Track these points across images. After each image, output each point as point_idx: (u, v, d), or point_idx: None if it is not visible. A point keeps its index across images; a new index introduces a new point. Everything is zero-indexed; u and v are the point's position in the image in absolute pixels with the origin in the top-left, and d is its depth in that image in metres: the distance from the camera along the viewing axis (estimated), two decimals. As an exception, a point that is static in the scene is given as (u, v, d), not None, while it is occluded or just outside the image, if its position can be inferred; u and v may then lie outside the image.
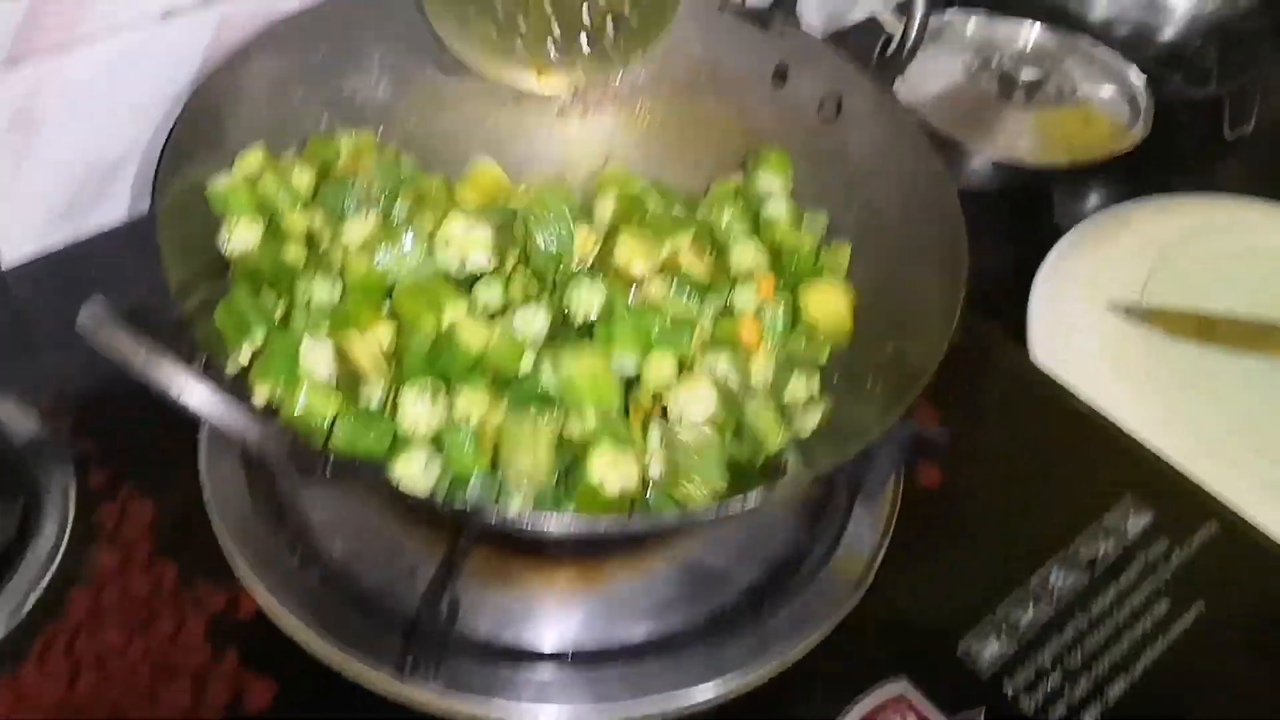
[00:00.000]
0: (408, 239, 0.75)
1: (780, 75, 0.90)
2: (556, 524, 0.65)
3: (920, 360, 0.71)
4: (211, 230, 0.76)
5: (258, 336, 0.72)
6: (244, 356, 0.71)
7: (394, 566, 0.77)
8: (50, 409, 0.84)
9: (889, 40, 1.28)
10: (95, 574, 0.76)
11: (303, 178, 0.81)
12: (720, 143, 0.91)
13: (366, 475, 0.64)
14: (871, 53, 1.25)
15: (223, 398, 0.57)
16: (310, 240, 0.79)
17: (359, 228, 0.76)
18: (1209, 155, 1.34)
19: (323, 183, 0.81)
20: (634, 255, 0.78)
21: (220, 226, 0.77)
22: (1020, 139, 1.25)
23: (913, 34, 0.85)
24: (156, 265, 0.68)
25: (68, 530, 0.78)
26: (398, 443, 0.69)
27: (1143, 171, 1.24)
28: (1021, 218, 1.22)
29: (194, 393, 0.56)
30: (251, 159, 0.80)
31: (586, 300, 0.76)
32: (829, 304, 0.82)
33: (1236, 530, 0.87)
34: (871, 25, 1.35)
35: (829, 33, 1.40)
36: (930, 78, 1.31)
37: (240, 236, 0.76)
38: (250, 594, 0.76)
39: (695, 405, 0.73)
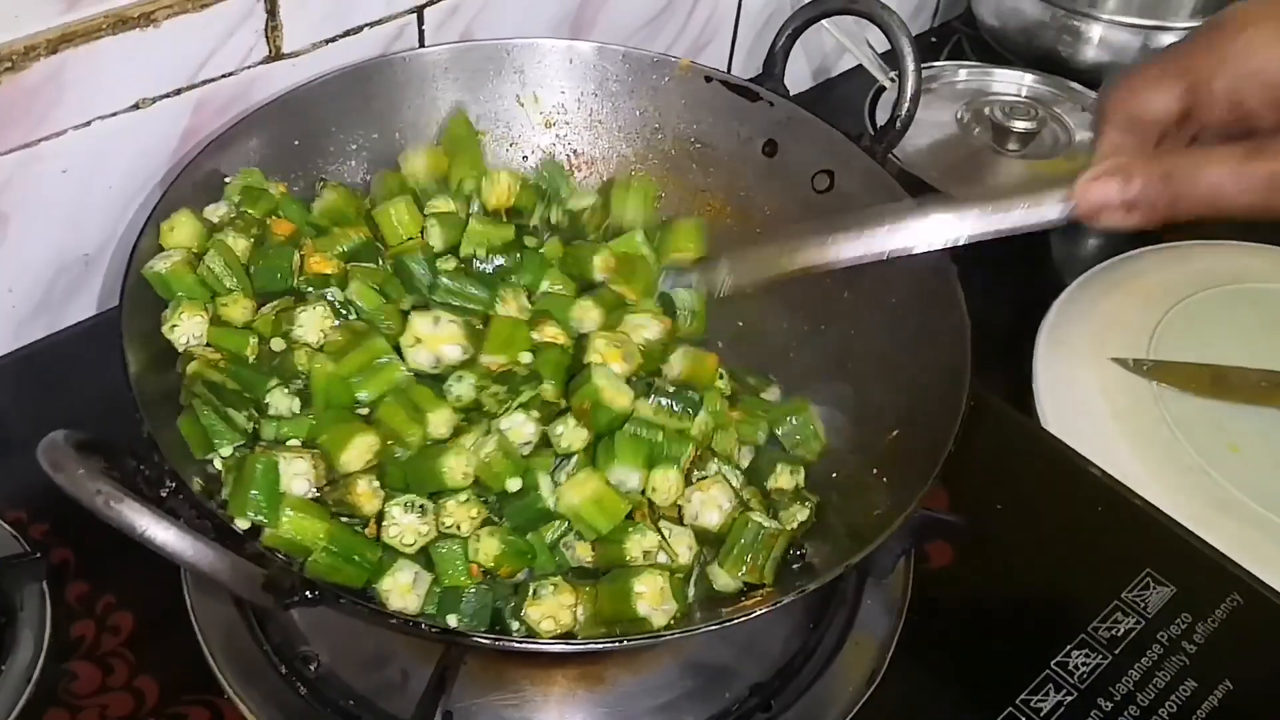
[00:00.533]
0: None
1: (770, 148, 0.88)
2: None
3: (927, 449, 0.68)
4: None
5: (225, 451, 0.69)
6: (217, 464, 0.69)
7: (384, 674, 0.74)
8: (25, 516, 0.81)
9: (880, 90, 1.27)
10: (74, 692, 0.73)
11: (238, 244, 0.78)
12: (710, 216, 0.89)
13: (350, 602, 0.61)
14: (861, 103, 1.25)
15: (188, 536, 0.54)
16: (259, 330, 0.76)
17: (311, 320, 0.74)
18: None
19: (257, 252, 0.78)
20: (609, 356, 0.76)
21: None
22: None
23: (905, 106, 0.83)
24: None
25: (44, 646, 0.75)
26: (383, 561, 0.66)
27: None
28: (1022, 272, 1.19)
29: (157, 533, 0.53)
30: (180, 227, 0.77)
31: (571, 436, 0.74)
32: None
33: (1259, 600, 0.84)
34: (858, 74, 1.33)
35: (817, 83, 1.38)
36: (922, 129, 1.28)
37: (185, 327, 0.74)
38: (235, 708, 0.73)
39: (710, 510, 0.72)
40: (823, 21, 0.92)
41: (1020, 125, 1.26)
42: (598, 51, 0.90)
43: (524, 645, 0.62)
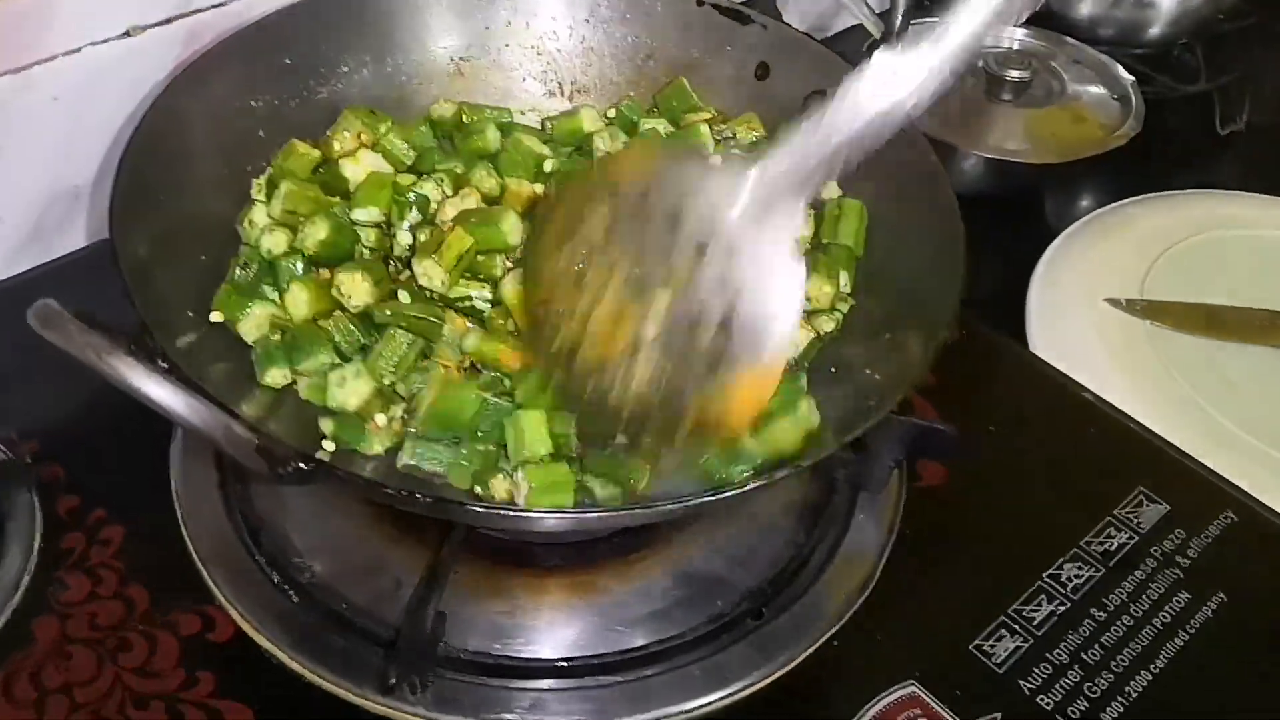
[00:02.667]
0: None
1: (763, 71, 0.87)
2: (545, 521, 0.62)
3: (919, 349, 0.68)
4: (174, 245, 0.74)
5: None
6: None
7: (377, 583, 0.74)
8: (15, 436, 0.81)
9: (874, 44, 1.27)
10: (63, 601, 0.73)
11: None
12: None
13: (344, 472, 0.61)
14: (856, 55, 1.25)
15: (183, 392, 0.54)
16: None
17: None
18: (1202, 152, 1.32)
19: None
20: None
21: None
22: (1010, 139, 1.23)
23: (895, 28, 0.83)
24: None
25: (33, 557, 0.74)
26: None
27: (1135, 169, 1.22)
28: (1014, 218, 1.20)
29: (151, 387, 0.53)
30: None
31: None
32: None
33: (1253, 517, 0.84)
34: (855, 33, 1.33)
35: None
36: (917, 81, 1.29)
37: None
38: (226, 616, 0.72)
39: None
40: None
41: (1013, 74, 1.26)
42: (589, -26, 0.90)
43: (516, 513, 0.61)
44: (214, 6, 0.93)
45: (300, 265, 0.75)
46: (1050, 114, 1.26)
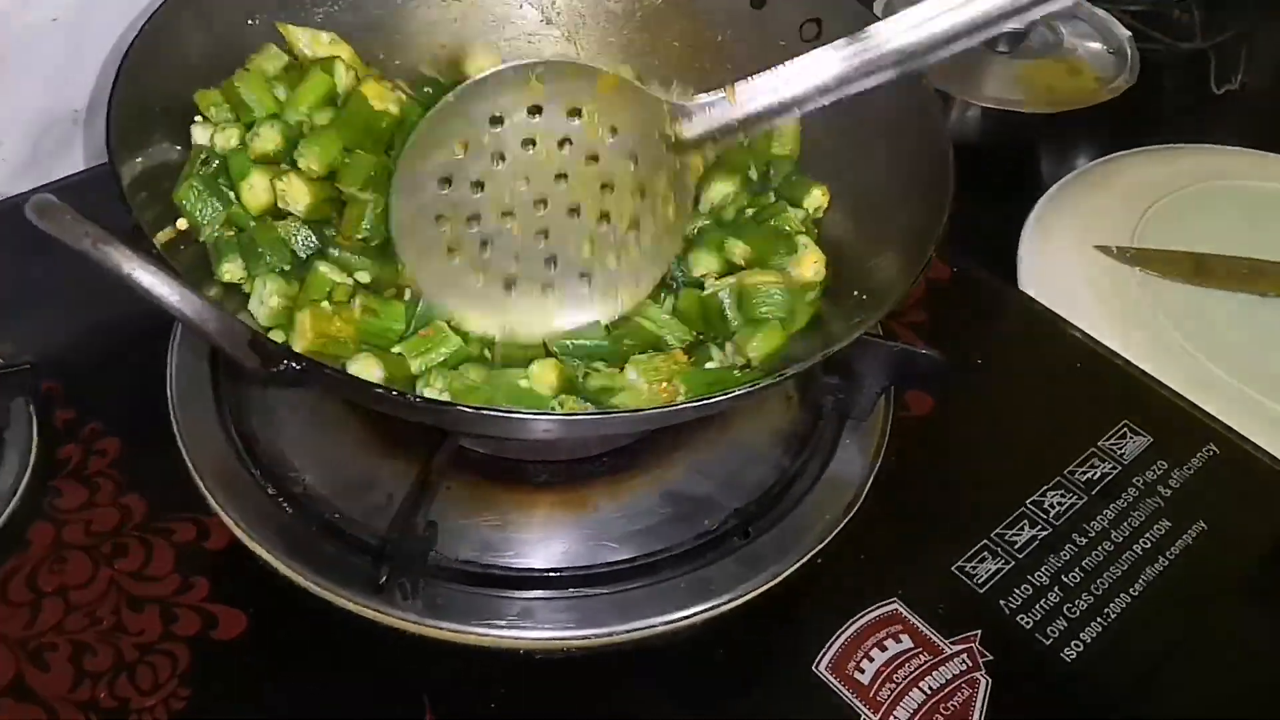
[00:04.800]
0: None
1: (758, -1, 0.88)
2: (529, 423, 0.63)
3: (904, 271, 0.69)
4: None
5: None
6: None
7: (370, 495, 0.75)
8: (12, 350, 0.82)
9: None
10: (58, 507, 0.74)
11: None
12: (698, 69, 0.89)
13: (335, 374, 0.62)
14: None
15: (177, 283, 0.54)
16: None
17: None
18: (1197, 109, 1.33)
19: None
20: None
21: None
22: (1005, 89, 1.24)
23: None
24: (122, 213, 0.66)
25: (30, 464, 0.75)
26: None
27: (1130, 123, 1.23)
28: (1008, 168, 1.21)
29: (144, 276, 0.54)
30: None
31: None
32: None
33: (1235, 450, 0.85)
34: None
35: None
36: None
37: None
38: (221, 525, 0.73)
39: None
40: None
41: (1009, 26, 1.26)
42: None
43: (505, 413, 0.62)
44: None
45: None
46: (1046, 65, 1.27)
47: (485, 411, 0.60)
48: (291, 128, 0.75)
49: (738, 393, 0.61)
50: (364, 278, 0.71)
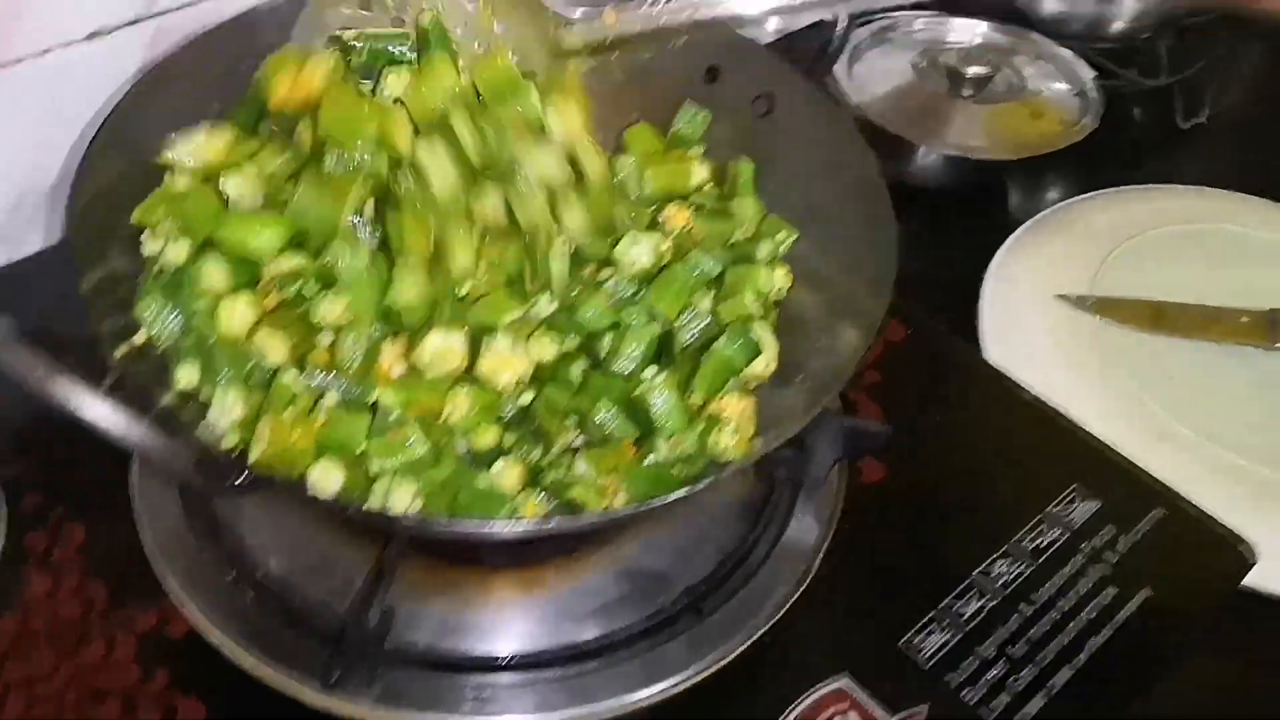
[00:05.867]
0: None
1: (712, 74, 0.89)
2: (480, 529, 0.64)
3: (848, 353, 0.71)
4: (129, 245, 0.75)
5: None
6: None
7: (329, 581, 0.76)
8: (-17, 435, 0.83)
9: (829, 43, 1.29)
10: (25, 597, 0.75)
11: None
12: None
13: (282, 486, 0.63)
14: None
15: (123, 413, 0.56)
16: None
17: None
18: (1163, 146, 1.34)
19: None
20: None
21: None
22: (970, 135, 1.25)
23: (836, 35, 0.85)
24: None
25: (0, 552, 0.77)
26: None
27: (1097, 164, 1.25)
28: (975, 214, 1.22)
29: (92, 409, 0.55)
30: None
31: None
32: None
33: (1182, 515, 0.86)
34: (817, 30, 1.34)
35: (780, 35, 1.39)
36: (879, 77, 1.31)
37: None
38: (182, 613, 0.75)
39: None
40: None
41: (974, 71, 1.28)
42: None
43: (453, 530, 0.63)
44: (181, 7, 0.94)
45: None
46: (1010, 109, 1.28)
47: (434, 522, 0.62)
48: (247, 264, 0.75)
49: (670, 498, 0.62)
50: (331, 399, 0.71)
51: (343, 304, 0.71)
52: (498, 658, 0.75)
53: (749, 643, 0.76)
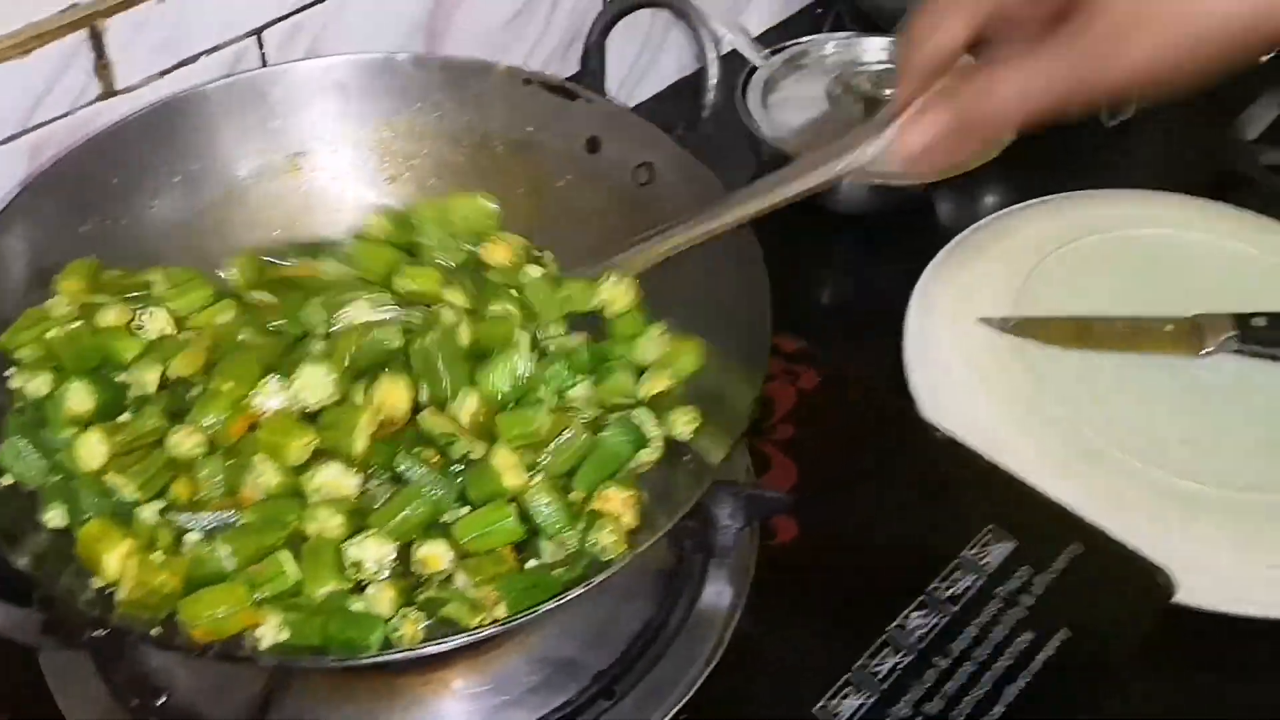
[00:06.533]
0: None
1: (593, 144, 0.89)
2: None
3: (724, 435, 0.70)
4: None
5: None
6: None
7: (233, 701, 0.75)
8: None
9: (752, 71, 1.29)
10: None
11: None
12: (542, 211, 0.90)
13: (141, 637, 0.62)
14: (735, 82, 1.27)
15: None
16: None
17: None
18: (1089, 149, 1.33)
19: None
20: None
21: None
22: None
23: (708, 95, 0.85)
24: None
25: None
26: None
27: (1024, 173, 1.23)
28: (901, 240, 1.21)
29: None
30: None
31: None
32: None
33: (1100, 548, 0.85)
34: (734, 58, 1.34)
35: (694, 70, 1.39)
36: (794, 107, 1.30)
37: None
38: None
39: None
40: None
41: (888, 93, 1.27)
42: (414, 63, 0.91)
43: (317, 666, 0.63)
44: (58, 118, 0.94)
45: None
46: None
47: (294, 660, 0.61)
48: (110, 385, 0.75)
49: (549, 606, 0.61)
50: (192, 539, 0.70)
51: (198, 436, 0.70)
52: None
53: (664, 721, 0.75)
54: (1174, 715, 0.81)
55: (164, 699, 0.76)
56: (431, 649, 0.61)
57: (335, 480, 0.71)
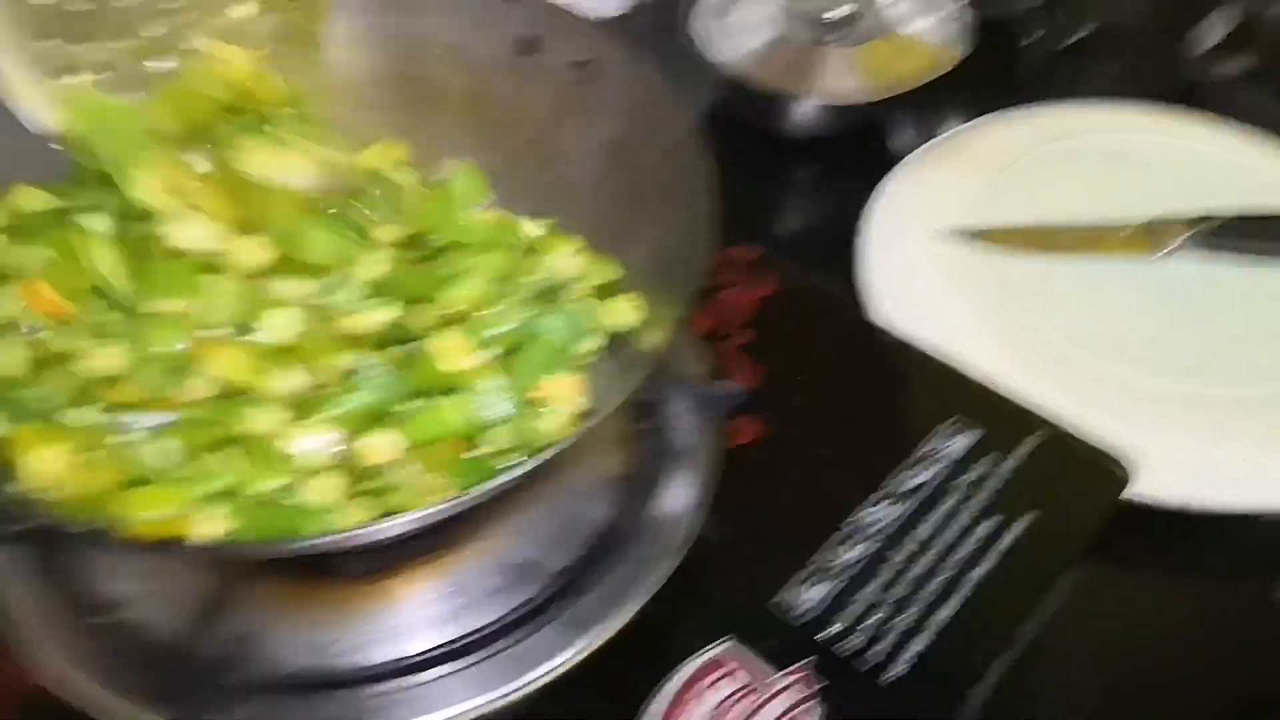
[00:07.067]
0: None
1: (527, 45, 0.87)
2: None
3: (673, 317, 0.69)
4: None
5: None
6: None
7: (184, 609, 0.74)
8: None
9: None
10: None
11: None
12: (467, 121, 0.89)
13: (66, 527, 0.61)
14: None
15: None
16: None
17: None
18: (1043, 65, 1.33)
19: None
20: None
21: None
22: (841, 79, 1.23)
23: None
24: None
25: None
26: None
27: (975, 93, 1.23)
28: (856, 160, 1.20)
29: None
30: None
31: None
32: None
33: (1059, 437, 0.84)
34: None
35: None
36: (746, 32, 1.28)
37: None
38: (30, 667, 0.72)
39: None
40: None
41: (838, 13, 1.26)
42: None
43: (266, 551, 0.61)
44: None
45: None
46: (878, 48, 1.26)
47: (240, 548, 0.60)
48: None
49: (488, 488, 0.60)
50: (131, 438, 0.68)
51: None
52: (369, 669, 0.72)
53: (628, 618, 0.74)
54: (1133, 601, 0.81)
55: (111, 615, 0.74)
56: (384, 527, 0.59)
57: (284, 385, 0.70)
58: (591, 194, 0.83)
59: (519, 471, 0.60)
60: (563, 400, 0.70)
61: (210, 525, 0.63)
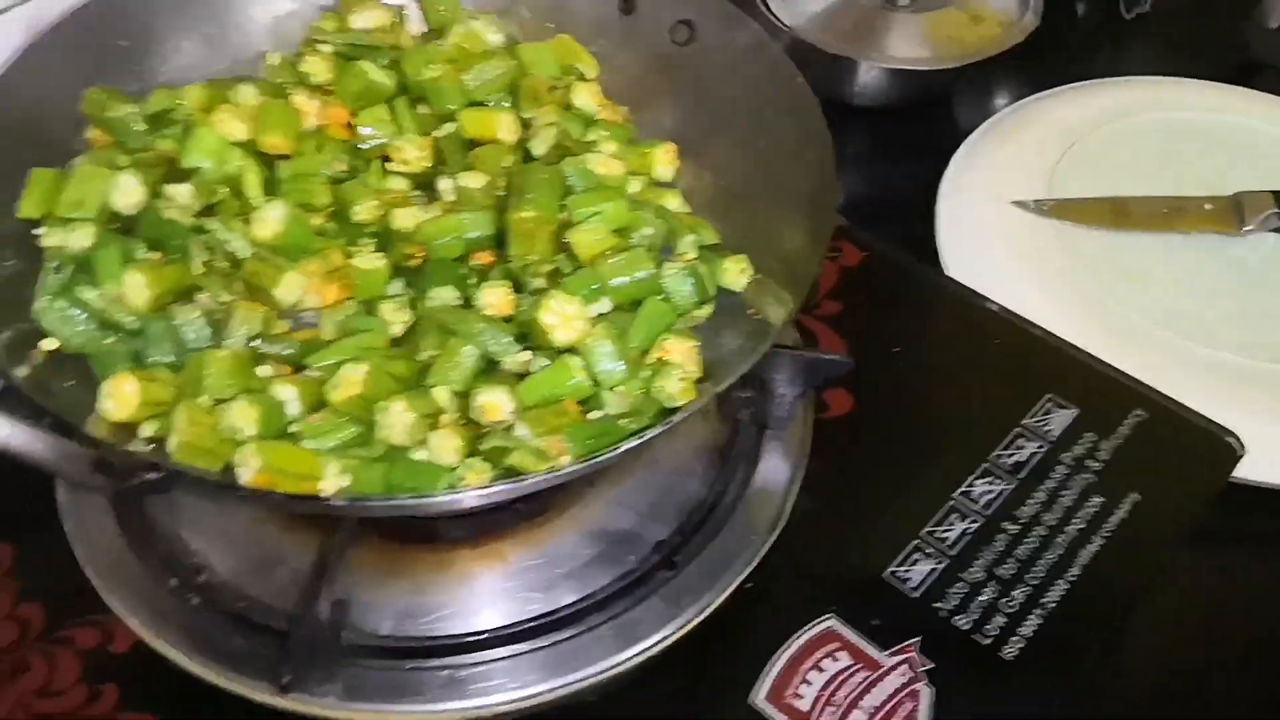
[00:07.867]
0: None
1: (627, 4, 0.85)
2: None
3: (793, 286, 0.67)
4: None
5: None
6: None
7: (276, 576, 0.72)
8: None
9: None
10: (-45, 628, 0.71)
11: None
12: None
13: (198, 477, 0.59)
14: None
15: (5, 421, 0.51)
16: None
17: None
18: (1110, 39, 1.31)
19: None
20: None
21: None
22: (910, 47, 1.21)
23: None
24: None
25: (-77, 586, 0.72)
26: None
27: (1043, 64, 1.21)
28: (924, 128, 1.18)
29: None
30: None
31: None
32: None
33: (1164, 414, 0.83)
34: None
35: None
36: (812, -4, 1.26)
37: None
38: (125, 626, 0.70)
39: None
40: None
41: (904, -22, 1.23)
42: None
43: (390, 507, 0.59)
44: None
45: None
46: (948, 16, 1.23)
47: (368, 502, 0.58)
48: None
49: (616, 453, 0.58)
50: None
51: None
52: (466, 637, 0.71)
53: (728, 593, 0.72)
54: (1240, 582, 0.79)
55: (204, 574, 0.72)
56: (505, 488, 0.57)
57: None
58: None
59: (656, 431, 0.58)
60: (683, 363, 0.68)
61: (329, 480, 0.61)
